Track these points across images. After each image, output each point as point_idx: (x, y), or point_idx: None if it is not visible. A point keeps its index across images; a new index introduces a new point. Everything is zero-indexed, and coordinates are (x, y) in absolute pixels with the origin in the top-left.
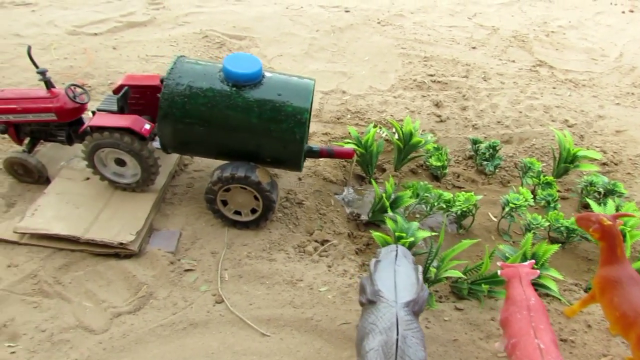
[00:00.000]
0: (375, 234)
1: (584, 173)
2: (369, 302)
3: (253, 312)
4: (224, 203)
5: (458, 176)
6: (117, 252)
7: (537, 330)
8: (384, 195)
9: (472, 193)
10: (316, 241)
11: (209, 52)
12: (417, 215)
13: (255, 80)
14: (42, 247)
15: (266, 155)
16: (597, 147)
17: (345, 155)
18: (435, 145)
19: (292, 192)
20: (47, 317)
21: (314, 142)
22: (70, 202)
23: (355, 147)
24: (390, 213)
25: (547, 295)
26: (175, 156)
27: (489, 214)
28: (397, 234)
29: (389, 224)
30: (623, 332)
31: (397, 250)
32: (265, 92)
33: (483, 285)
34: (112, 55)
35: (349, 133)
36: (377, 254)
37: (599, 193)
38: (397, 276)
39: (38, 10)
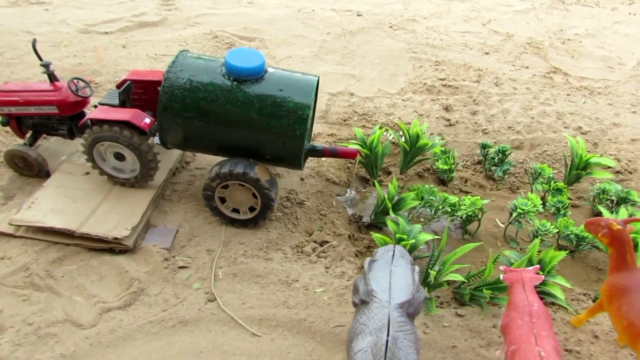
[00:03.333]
0: (376, 235)
1: (597, 180)
2: (362, 303)
3: (245, 312)
4: (222, 200)
5: (466, 181)
6: (111, 247)
7: (538, 338)
8: (386, 196)
9: (479, 197)
10: (315, 242)
11: (218, 52)
12: (422, 220)
13: (257, 75)
14: (37, 241)
15: (266, 152)
16: (611, 154)
17: (349, 155)
18: (443, 149)
19: (294, 192)
20: (36, 311)
21: (319, 143)
22: (68, 196)
23: (360, 148)
24: (392, 215)
25: (554, 304)
26: (176, 153)
27: (496, 220)
28: (398, 236)
29: (390, 226)
30: (630, 343)
31: (394, 250)
32: (267, 87)
33: (485, 291)
34: (122, 54)
35: (355, 134)
36: (374, 253)
37: (612, 201)
38: (392, 276)
39: (52, 9)
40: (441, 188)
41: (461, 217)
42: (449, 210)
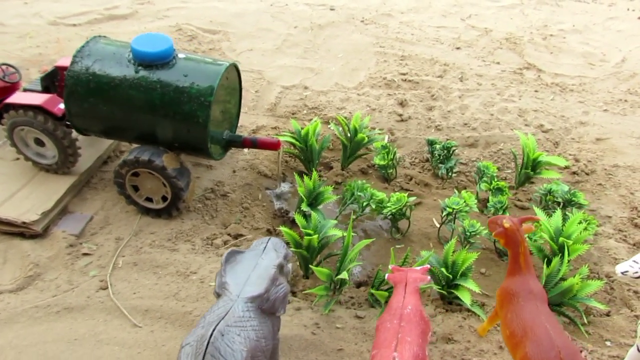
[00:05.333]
0: (284, 229)
1: (550, 181)
2: (218, 296)
3: (133, 302)
4: (136, 189)
5: (411, 179)
6: (22, 231)
7: (400, 343)
8: (300, 190)
9: (406, 194)
10: (229, 235)
11: (178, 44)
12: (353, 217)
13: (163, 60)
14: None
15: (173, 139)
16: (570, 154)
17: (270, 146)
18: (383, 144)
19: (221, 184)
20: None
21: (263, 136)
22: None
23: (294, 140)
24: (305, 209)
25: (468, 310)
26: (107, 141)
27: (433, 219)
28: (305, 231)
29: (298, 220)
30: (511, 352)
31: (267, 243)
32: (172, 74)
33: (374, 291)
34: None
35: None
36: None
37: (558, 203)
38: (255, 269)
39: (30, 2)
40: (383, 185)
41: (388, 215)
42: (374, 207)
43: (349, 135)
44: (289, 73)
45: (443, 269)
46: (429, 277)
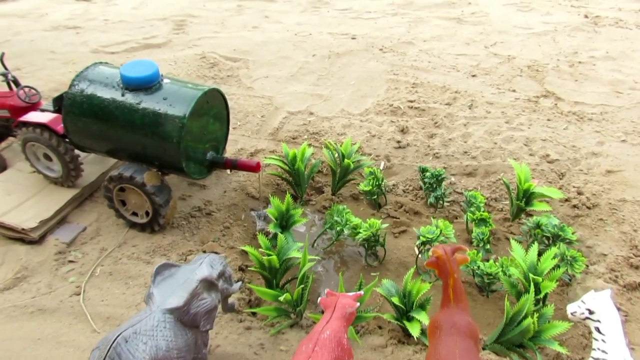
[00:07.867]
0: (248, 248)
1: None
2: (146, 304)
3: (99, 308)
4: (124, 203)
5: (401, 206)
6: (22, 237)
7: None
8: (270, 212)
9: (378, 220)
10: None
11: (200, 71)
12: (329, 240)
13: (148, 84)
14: None
15: (152, 158)
16: (575, 187)
17: (249, 168)
18: (371, 169)
19: (209, 203)
20: None
21: (260, 159)
22: (6, 189)
23: (282, 164)
24: (272, 229)
25: (425, 344)
26: (112, 159)
27: (415, 248)
28: (266, 251)
29: (260, 240)
30: None
31: (204, 259)
32: (154, 97)
33: (310, 314)
34: None
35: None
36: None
37: (548, 238)
38: (185, 283)
39: (82, 33)
40: (372, 212)
41: (361, 241)
42: (348, 232)
43: (338, 161)
44: (298, 99)
45: (394, 299)
46: (358, 304)
